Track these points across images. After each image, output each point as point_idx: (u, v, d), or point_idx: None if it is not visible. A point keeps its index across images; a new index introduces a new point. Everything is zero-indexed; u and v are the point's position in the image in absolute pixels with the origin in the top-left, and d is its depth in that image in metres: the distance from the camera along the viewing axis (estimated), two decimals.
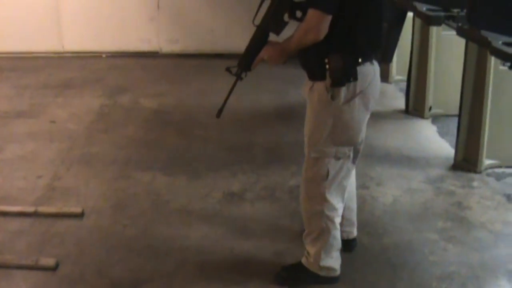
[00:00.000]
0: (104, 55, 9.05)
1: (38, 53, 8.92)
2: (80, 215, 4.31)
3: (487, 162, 5.01)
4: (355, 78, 3.11)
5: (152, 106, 6.75)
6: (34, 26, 8.92)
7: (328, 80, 3.11)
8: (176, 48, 9.10)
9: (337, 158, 3.27)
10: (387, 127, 6.02)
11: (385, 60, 6.53)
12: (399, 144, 5.62)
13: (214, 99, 6.67)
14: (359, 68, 3.12)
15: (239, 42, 8.63)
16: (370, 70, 3.20)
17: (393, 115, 6.39)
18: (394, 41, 6.30)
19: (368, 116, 3.31)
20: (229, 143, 5.65)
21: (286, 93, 6.98)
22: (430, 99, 6.17)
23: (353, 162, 3.39)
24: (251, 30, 3.33)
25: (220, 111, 3.35)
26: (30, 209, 4.36)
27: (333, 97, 3.13)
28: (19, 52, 8.89)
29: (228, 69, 3.32)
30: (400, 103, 6.58)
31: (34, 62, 8.58)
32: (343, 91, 3.13)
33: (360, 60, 3.12)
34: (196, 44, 9.07)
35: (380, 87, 3.36)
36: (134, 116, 6.41)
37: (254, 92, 6.76)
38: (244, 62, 3.30)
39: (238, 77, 3.33)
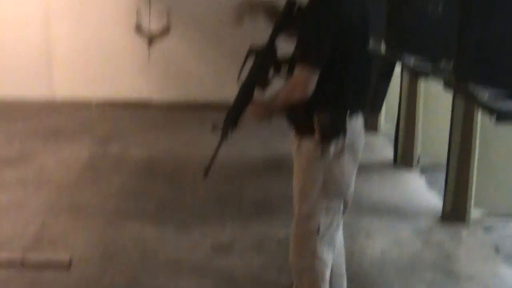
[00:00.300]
0: (94, 103, 9.09)
1: (29, 99, 8.96)
2: (67, 265, 4.26)
3: (475, 212, 5.02)
4: (344, 133, 3.10)
5: (141, 155, 6.76)
6: (26, 72, 8.99)
7: (317, 136, 3.09)
8: (166, 97, 9.16)
9: (328, 213, 3.22)
10: (375, 178, 6.04)
11: (373, 111, 6.59)
12: (387, 196, 5.63)
13: (204, 149, 6.66)
14: (348, 123, 3.12)
15: (229, 92, 8.67)
16: (358, 123, 3.21)
17: (382, 166, 6.42)
18: (382, 92, 6.37)
19: (356, 169, 3.30)
20: (218, 194, 5.64)
21: (274, 144, 7.00)
22: (418, 150, 6.21)
23: (342, 215, 3.38)
24: (241, 81, 3.31)
25: (207, 170, 3.28)
26: (18, 257, 4.32)
27: (322, 153, 3.11)
28: (10, 98, 8.92)
29: (214, 127, 3.24)
30: (389, 154, 6.61)
31: (25, 109, 8.61)
32: (332, 146, 3.11)
33: (348, 114, 3.12)
34: (186, 94, 9.14)
35: (367, 138, 3.38)
36: (123, 165, 6.41)
37: (242, 143, 6.77)
38: (230, 120, 3.24)
39: (224, 135, 3.27)
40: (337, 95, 3.10)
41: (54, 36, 9.07)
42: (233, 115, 3.23)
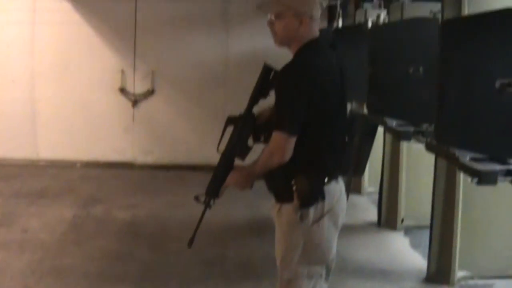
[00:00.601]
0: (78, 165, 9.09)
1: (13, 160, 8.94)
2: None
3: (459, 274, 5.02)
4: (323, 198, 3.12)
5: (125, 217, 6.73)
6: (10, 133, 9.00)
7: (296, 202, 3.11)
8: (150, 159, 9.19)
9: (310, 278, 3.20)
10: (359, 240, 6.05)
11: (357, 173, 6.62)
12: (372, 257, 5.62)
13: (188, 211, 6.67)
14: (325, 188, 3.14)
15: (213, 154, 8.75)
16: (336, 188, 3.22)
17: (366, 227, 6.43)
18: (365, 154, 6.40)
19: (337, 232, 3.29)
20: (202, 257, 5.60)
21: (258, 206, 6.99)
22: (402, 211, 6.23)
23: (326, 279, 3.35)
24: (224, 143, 3.35)
25: (191, 240, 3.35)
26: None
27: (302, 218, 3.12)
28: None
29: (196, 198, 3.29)
30: (373, 215, 6.63)
31: (8, 170, 8.58)
32: (312, 212, 3.12)
33: (326, 179, 3.15)
34: (170, 156, 9.18)
35: (351, 199, 3.39)
36: (107, 228, 6.38)
37: (226, 205, 6.75)
38: (211, 190, 3.29)
39: (207, 205, 3.32)
40: (314, 160, 3.14)
41: (38, 97, 9.12)
42: (214, 186, 3.28)
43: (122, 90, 9.15)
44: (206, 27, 9.13)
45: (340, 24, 8.12)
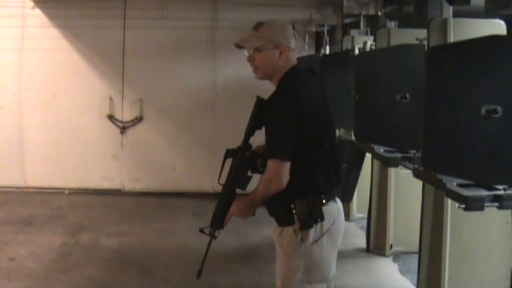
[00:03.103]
0: (66, 192, 9.07)
1: (0, 187, 8.92)
2: None
3: None
4: (322, 219, 3.27)
5: (113, 245, 6.70)
6: None
7: (296, 224, 3.27)
8: (138, 186, 9.18)
9: None
10: (348, 265, 6.03)
11: (345, 199, 6.58)
12: (361, 283, 5.62)
13: (176, 239, 6.67)
14: (324, 208, 3.29)
15: (200, 181, 8.90)
16: (334, 208, 3.37)
17: (354, 253, 6.42)
18: (353, 180, 6.40)
19: (336, 251, 3.43)
20: (190, 285, 5.56)
21: (246, 234, 6.96)
22: (390, 237, 6.23)
23: None
24: (212, 170, 3.47)
25: (199, 272, 3.51)
26: None
27: (302, 239, 3.27)
28: None
29: (201, 230, 3.47)
30: (361, 242, 6.63)
31: None
32: (311, 232, 3.27)
33: (324, 200, 3.29)
34: (158, 183, 9.18)
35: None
36: (94, 256, 6.34)
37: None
38: (216, 221, 3.46)
39: (212, 236, 3.48)
40: (309, 183, 3.29)
41: (26, 123, 9.10)
42: (218, 217, 3.45)
43: (110, 117, 9.15)
44: (194, 54, 9.17)
45: (328, 50, 8.17)
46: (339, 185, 3.47)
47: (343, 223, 3.46)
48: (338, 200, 3.43)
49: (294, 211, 3.27)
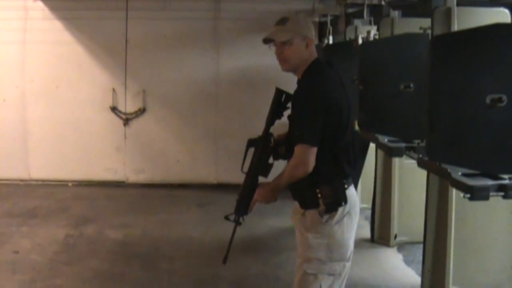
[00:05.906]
0: (70, 184, 9.07)
1: (4, 180, 8.92)
2: None
3: None
4: (346, 202, 3.45)
5: (117, 237, 6.70)
6: (1, 153, 8.98)
7: (322, 207, 3.43)
8: (142, 178, 9.18)
9: (330, 275, 3.48)
10: (353, 256, 6.00)
11: None
12: (365, 274, 5.61)
13: (180, 230, 6.67)
14: (346, 192, 3.47)
15: (204, 172, 8.89)
16: (354, 191, 3.57)
17: (359, 244, 6.35)
18: (358, 170, 6.41)
19: (354, 233, 3.58)
20: (195, 277, 5.58)
21: (251, 225, 6.92)
22: (395, 227, 6.22)
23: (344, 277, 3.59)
24: (216, 161, 3.51)
25: (225, 257, 3.65)
26: None
27: (327, 220, 3.44)
28: None
29: (226, 217, 3.61)
30: (366, 232, 6.61)
31: (0, 190, 8.53)
32: (336, 214, 3.43)
33: (346, 185, 3.48)
34: (162, 174, 9.17)
35: None
36: (99, 248, 6.35)
37: (219, 224, 6.73)
38: (241, 208, 3.60)
39: (237, 223, 3.62)
40: (334, 169, 3.46)
41: (30, 116, 9.10)
42: (243, 205, 3.60)
43: (114, 109, 9.14)
44: (196, 45, 9.15)
45: (331, 40, 8.14)
46: (356, 171, 3.67)
47: (359, 208, 3.63)
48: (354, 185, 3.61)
49: (319, 195, 3.42)
